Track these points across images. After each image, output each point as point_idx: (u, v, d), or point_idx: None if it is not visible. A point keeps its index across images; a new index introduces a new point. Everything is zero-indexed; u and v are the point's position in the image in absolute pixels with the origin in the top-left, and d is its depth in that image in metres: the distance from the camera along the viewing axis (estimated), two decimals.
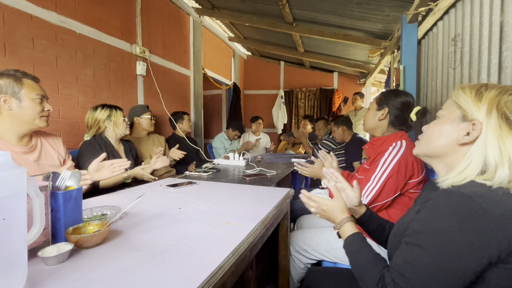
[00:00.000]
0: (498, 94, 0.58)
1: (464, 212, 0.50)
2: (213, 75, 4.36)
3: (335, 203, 0.79)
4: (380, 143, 1.25)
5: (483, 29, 1.28)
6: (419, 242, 0.54)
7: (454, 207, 0.51)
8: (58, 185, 0.73)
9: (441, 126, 0.66)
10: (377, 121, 1.28)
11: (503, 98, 0.57)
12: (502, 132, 0.55)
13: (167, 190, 1.31)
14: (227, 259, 0.63)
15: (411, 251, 0.55)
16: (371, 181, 1.13)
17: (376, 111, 1.28)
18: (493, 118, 0.56)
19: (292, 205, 1.81)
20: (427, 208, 0.55)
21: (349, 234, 0.73)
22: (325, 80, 5.50)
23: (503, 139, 0.54)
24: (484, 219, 0.49)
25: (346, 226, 0.75)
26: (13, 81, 1.13)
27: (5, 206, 0.46)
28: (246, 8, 3.44)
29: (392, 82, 2.89)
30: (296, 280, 1.35)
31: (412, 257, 0.54)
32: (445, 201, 0.53)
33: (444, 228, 0.51)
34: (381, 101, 1.27)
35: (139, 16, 2.70)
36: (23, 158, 1.19)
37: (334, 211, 0.78)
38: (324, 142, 2.80)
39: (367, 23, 2.86)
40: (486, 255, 0.49)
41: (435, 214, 0.53)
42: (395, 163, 1.11)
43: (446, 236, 0.50)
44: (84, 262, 0.61)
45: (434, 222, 0.53)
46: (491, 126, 0.56)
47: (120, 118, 1.75)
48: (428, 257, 0.52)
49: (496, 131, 0.55)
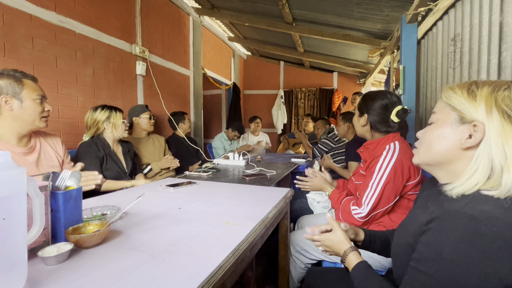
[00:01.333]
0: (492, 91, 0.54)
1: (473, 238, 0.47)
2: (212, 75, 4.36)
3: (334, 236, 0.79)
4: (374, 146, 1.23)
5: (483, 29, 1.28)
6: (428, 270, 0.51)
7: (462, 232, 0.48)
8: (58, 185, 0.73)
9: (439, 131, 0.61)
10: (361, 127, 1.27)
11: (499, 94, 0.53)
12: (505, 132, 0.51)
13: (166, 190, 1.31)
14: (227, 259, 0.63)
15: (420, 279, 0.52)
16: (369, 188, 1.12)
17: (359, 117, 1.28)
18: (494, 117, 0.52)
19: (292, 205, 1.81)
20: (433, 232, 0.52)
21: (354, 265, 0.72)
22: (325, 80, 5.50)
23: (507, 139, 0.51)
24: (494, 244, 0.45)
25: (350, 257, 0.74)
26: (13, 82, 1.12)
27: (5, 206, 0.46)
28: (245, 8, 3.44)
29: (392, 82, 2.89)
30: (296, 280, 1.35)
31: (422, 286, 0.51)
32: (451, 226, 0.49)
33: (452, 257, 0.48)
34: (360, 107, 1.26)
35: (139, 16, 2.70)
36: (22, 160, 1.19)
37: (337, 244, 0.78)
38: (323, 141, 2.81)
39: (367, 23, 2.86)
40: (499, 284, 0.45)
41: (441, 240, 0.50)
42: (391, 169, 1.10)
43: (455, 266, 0.47)
44: (84, 262, 0.61)
45: (442, 249, 0.49)
46: (494, 126, 0.52)
47: (119, 120, 1.75)
48: (438, 286, 0.49)
49: (499, 131, 0.51)
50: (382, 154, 1.14)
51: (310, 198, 1.74)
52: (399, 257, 0.66)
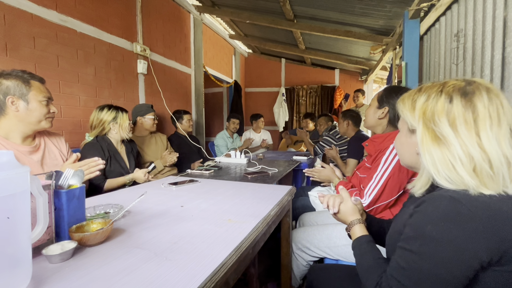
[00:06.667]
0: (425, 100, 0.59)
1: (452, 216, 0.50)
2: (214, 73, 4.35)
3: (344, 206, 0.81)
4: (381, 140, 1.24)
5: (486, 24, 1.27)
6: (412, 247, 0.54)
7: (443, 211, 0.51)
8: (61, 183, 0.74)
9: (400, 140, 0.69)
10: (377, 119, 1.26)
11: (428, 104, 0.58)
12: (425, 140, 0.57)
13: (169, 188, 1.32)
14: (230, 257, 0.64)
15: (405, 256, 0.55)
16: (373, 180, 1.13)
17: (377, 109, 1.27)
18: (420, 127, 0.58)
19: (294, 203, 1.81)
20: (419, 213, 0.55)
21: (357, 237, 0.74)
22: (327, 77, 5.47)
23: (427, 146, 0.57)
24: (471, 223, 0.48)
25: (355, 228, 0.76)
26: (21, 83, 1.13)
27: (9, 205, 0.47)
28: (246, 5, 3.42)
29: (394, 79, 2.87)
30: (298, 277, 1.36)
31: (406, 263, 0.54)
32: (435, 205, 0.53)
33: (433, 234, 0.51)
34: (381, 99, 1.26)
35: (140, 14, 2.69)
36: (27, 159, 1.20)
37: (345, 214, 0.80)
38: (325, 138, 2.80)
39: (369, 19, 2.84)
40: (476, 260, 0.48)
41: (425, 219, 0.53)
42: (396, 162, 1.10)
43: (435, 242, 0.51)
44: (87, 260, 0.61)
45: (424, 227, 0.53)
46: (419, 134, 0.58)
47: (126, 121, 1.76)
48: (420, 262, 0.52)
49: (421, 139, 0.58)
50: (389, 147, 1.15)
51: (312, 195, 1.74)
52: (391, 246, 0.69)
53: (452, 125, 0.54)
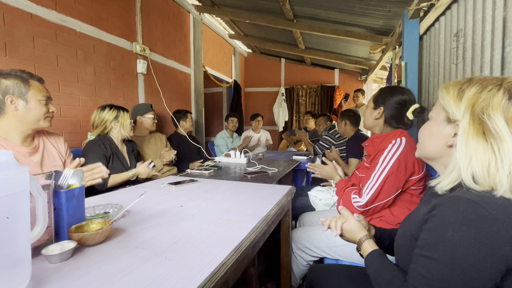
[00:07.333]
0: (477, 91, 0.56)
1: (473, 220, 0.48)
2: (213, 72, 4.35)
3: (348, 225, 0.79)
4: (380, 140, 1.24)
5: (486, 24, 1.27)
6: (432, 254, 0.52)
7: (462, 215, 0.49)
8: (60, 183, 0.74)
9: (430, 129, 0.66)
10: (373, 120, 1.27)
11: (481, 96, 0.55)
12: (469, 133, 0.54)
13: (168, 188, 1.32)
14: (229, 256, 0.63)
15: (425, 264, 0.53)
16: (371, 179, 1.13)
17: (373, 110, 1.27)
18: (465, 119, 0.55)
19: (293, 203, 1.81)
20: (435, 218, 0.54)
21: (368, 253, 0.72)
22: (326, 77, 5.47)
23: (467, 139, 0.54)
24: (493, 226, 0.47)
25: (365, 245, 0.75)
26: (20, 82, 1.13)
27: (9, 205, 0.47)
28: (246, 5, 3.42)
29: (394, 79, 2.87)
30: (298, 277, 1.36)
31: (427, 271, 0.52)
32: (452, 210, 0.51)
33: (454, 239, 0.49)
34: (377, 100, 1.26)
35: (139, 14, 2.69)
36: (27, 160, 1.20)
37: (351, 233, 0.79)
38: (324, 137, 2.81)
39: (368, 19, 2.84)
40: (502, 263, 0.47)
41: (443, 224, 0.52)
42: (394, 161, 1.10)
43: (458, 247, 0.49)
44: (87, 260, 0.61)
45: (444, 233, 0.51)
46: (462, 126, 0.56)
47: (127, 120, 1.78)
48: (443, 270, 0.50)
49: (465, 131, 0.55)
50: (387, 147, 1.15)
51: (312, 195, 1.74)
52: (402, 248, 0.67)
53: (509, 122, 0.52)
